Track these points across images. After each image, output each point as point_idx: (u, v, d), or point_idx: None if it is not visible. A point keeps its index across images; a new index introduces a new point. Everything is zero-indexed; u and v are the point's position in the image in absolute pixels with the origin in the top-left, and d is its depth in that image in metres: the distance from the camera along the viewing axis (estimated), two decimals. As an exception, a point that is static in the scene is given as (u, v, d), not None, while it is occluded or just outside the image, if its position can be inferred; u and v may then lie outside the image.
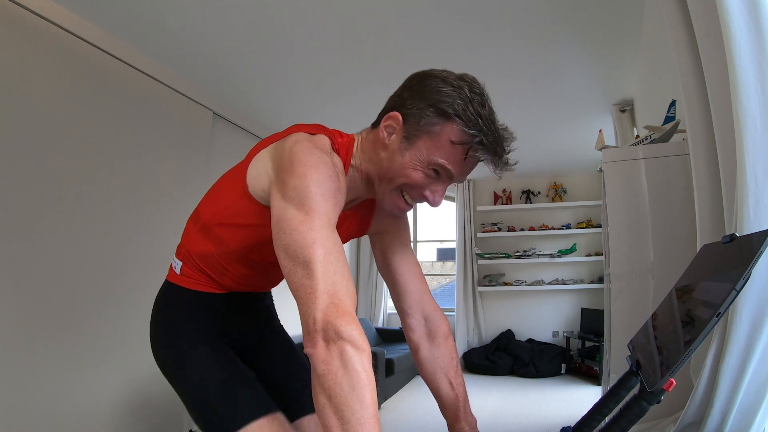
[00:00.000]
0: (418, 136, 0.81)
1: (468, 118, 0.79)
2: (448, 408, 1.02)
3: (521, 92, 3.17)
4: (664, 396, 0.73)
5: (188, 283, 0.99)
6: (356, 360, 0.62)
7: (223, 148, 3.36)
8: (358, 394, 0.61)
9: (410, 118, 0.82)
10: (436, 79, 0.82)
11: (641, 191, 1.72)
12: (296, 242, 0.69)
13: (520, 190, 5.54)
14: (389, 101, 0.88)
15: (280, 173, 0.78)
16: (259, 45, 2.54)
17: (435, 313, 1.06)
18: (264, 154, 0.86)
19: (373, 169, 0.88)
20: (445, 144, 0.81)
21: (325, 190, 0.73)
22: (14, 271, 1.95)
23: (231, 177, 0.94)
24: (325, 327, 0.64)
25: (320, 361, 0.63)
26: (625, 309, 1.68)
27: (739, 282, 0.61)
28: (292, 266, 0.69)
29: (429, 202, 0.87)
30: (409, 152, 0.83)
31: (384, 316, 5.84)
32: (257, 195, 0.85)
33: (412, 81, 0.85)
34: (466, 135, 0.80)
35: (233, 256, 0.94)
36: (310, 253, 0.68)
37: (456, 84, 0.81)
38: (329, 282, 0.66)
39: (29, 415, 1.95)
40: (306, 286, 0.67)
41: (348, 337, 0.63)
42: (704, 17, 1.04)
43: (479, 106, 0.80)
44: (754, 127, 0.85)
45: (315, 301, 0.65)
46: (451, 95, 0.79)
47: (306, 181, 0.73)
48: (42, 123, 2.09)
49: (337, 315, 0.64)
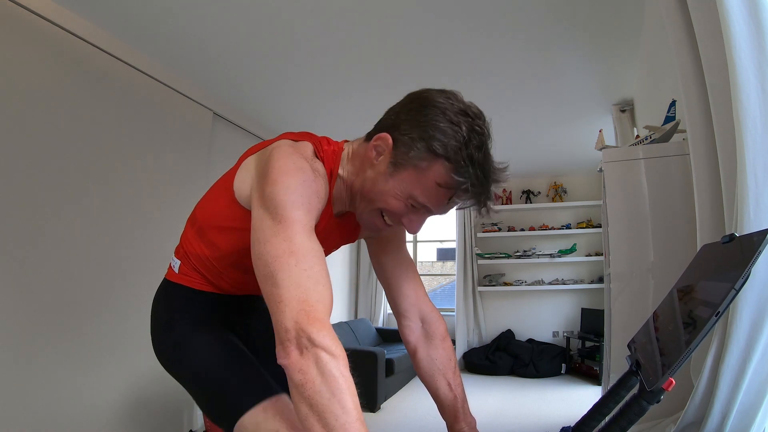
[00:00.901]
0: (405, 166, 0.79)
1: (458, 162, 0.75)
2: (447, 409, 1.01)
3: (522, 92, 3.17)
4: (663, 395, 0.73)
5: (186, 282, 1.00)
6: (332, 366, 0.62)
7: (223, 148, 3.36)
8: (339, 399, 0.61)
9: (400, 146, 0.79)
10: (436, 109, 0.77)
11: (641, 191, 1.72)
12: (267, 252, 0.69)
13: (520, 190, 5.53)
14: (386, 116, 0.86)
15: (258, 181, 0.78)
16: (260, 45, 2.54)
17: (432, 314, 1.06)
18: (250, 161, 0.87)
19: (358, 185, 0.87)
20: (430, 183, 0.78)
21: (296, 196, 0.73)
22: (14, 271, 1.95)
23: (222, 182, 0.95)
24: (298, 335, 0.63)
25: (296, 371, 0.63)
26: (625, 309, 1.68)
27: (738, 281, 0.61)
28: (263, 276, 0.69)
29: (407, 229, 0.87)
30: (393, 179, 0.81)
31: (384, 316, 5.85)
32: (242, 201, 0.86)
33: (412, 103, 0.82)
34: (452, 180, 0.77)
35: (227, 260, 0.94)
36: (280, 263, 0.67)
37: (455, 120, 0.76)
38: (300, 289, 0.66)
39: (29, 415, 1.95)
40: (275, 295, 0.67)
41: (321, 344, 0.62)
42: (704, 17, 1.04)
43: (475, 150, 0.76)
44: (754, 127, 0.85)
45: (284, 310, 0.65)
46: (447, 134, 0.76)
47: (277, 188, 0.72)
48: (42, 123, 2.09)
49: (308, 322, 0.63)
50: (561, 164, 5.04)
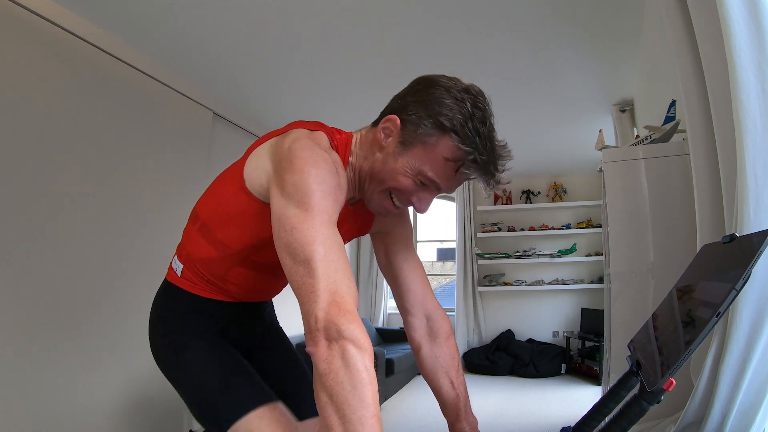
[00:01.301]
0: (414, 144, 0.81)
1: (465, 134, 0.78)
2: (449, 407, 1.02)
3: (522, 92, 3.17)
4: (664, 396, 0.73)
5: (189, 287, 0.98)
6: (358, 359, 0.62)
7: (223, 148, 3.36)
8: (359, 393, 0.61)
9: (408, 125, 0.82)
10: (441, 88, 0.81)
11: (641, 191, 1.72)
12: (297, 240, 0.69)
13: (520, 190, 5.53)
14: (392, 101, 0.88)
15: (278, 170, 0.77)
16: (260, 45, 2.54)
17: (437, 312, 1.06)
18: (262, 150, 0.86)
19: (367, 168, 0.88)
20: (438, 158, 0.80)
21: (325, 187, 0.73)
22: (14, 271, 1.95)
23: (229, 174, 0.93)
24: (327, 326, 0.63)
25: (322, 360, 0.63)
26: (625, 309, 1.68)
27: (739, 282, 0.61)
28: (293, 265, 0.69)
29: (415, 208, 0.88)
30: (402, 158, 0.83)
31: (384, 316, 5.84)
32: (254, 190, 0.84)
33: (417, 86, 0.85)
34: (459, 151, 0.79)
35: (235, 258, 0.93)
36: (311, 251, 0.67)
37: (459, 97, 0.79)
38: (330, 280, 0.66)
39: (29, 416, 1.95)
40: (307, 284, 0.66)
41: (350, 336, 0.63)
42: (704, 17, 1.04)
43: (479, 123, 0.79)
44: (754, 127, 0.85)
45: (316, 300, 0.65)
46: (452, 108, 0.79)
47: (305, 177, 0.72)
48: (42, 123, 2.09)
49: (338, 314, 0.64)
50: (561, 164, 5.04)
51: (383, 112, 0.88)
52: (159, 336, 0.98)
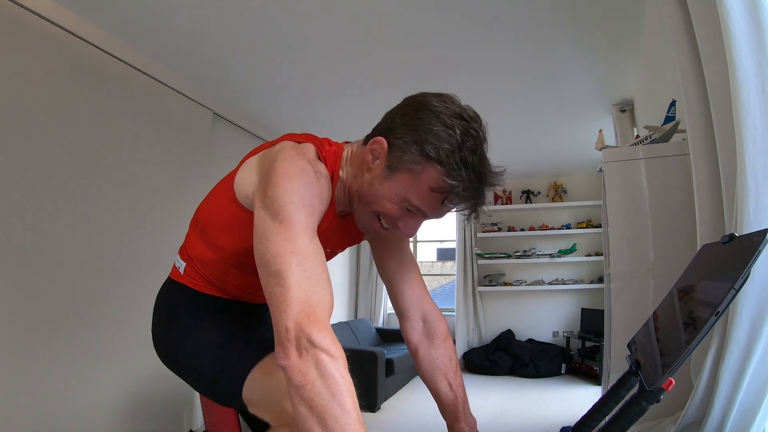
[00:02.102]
0: (399, 170, 0.80)
1: (451, 165, 0.76)
2: (448, 409, 1.02)
3: (521, 92, 3.17)
4: (663, 395, 0.73)
5: (191, 284, 1.01)
6: (332, 367, 0.62)
7: (223, 148, 3.36)
8: (339, 401, 0.61)
9: (395, 150, 0.80)
10: (431, 113, 0.78)
11: (641, 191, 1.72)
12: (270, 252, 0.69)
13: (520, 190, 5.53)
14: (383, 120, 0.87)
15: (261, 183, 0.78)
16: (259, 45, 2.54)
17: (433, 314, 1.06)
18: (252, 162, 0.88)
19: (356, 187, 0.88)
20: (423, 186, 0.79)
21: (298, 198, 0.73)
22: (13, 270, 1.95)
23: (223, 183, 0.96)
24: (298, 335, 0.63)
25: (296, 372, 0.63)
26: (625, 309, 1.68)
27: (738, 281, 0.61)
28: (266, 276, 0.69)
29: (402, 232, 0.87)
30: (388, 183, 0.81)
31: (384, 316, 5.84)
32: (243, 201, 0.86)
33: (408, 107, 0.82)
34: (445, 183, 0.77)
35: (230, 261, 0.95)
36: (282, 262, 0.68)
37: (449, 123, 0.77)
38: (301, 290, 0.66)
39: (28, 416, 1.95)
40: (277, 294, 0.67)
41: (320, 345, 0.63)
42: (704, 17, 1.04)
43: (469, 153, 0.76)
44: (754, 127, 0.85)
45: (285, 310, 0.65)
46: (440, 136, 0.76)
47: (279, 190, 0.73)
48: (42, 123, 2.09)
49: (308, 323, 0.64)
50: (561, 164, 5.04)
51: (374, 130, 0.87)
52: (161, 331, 1.00)
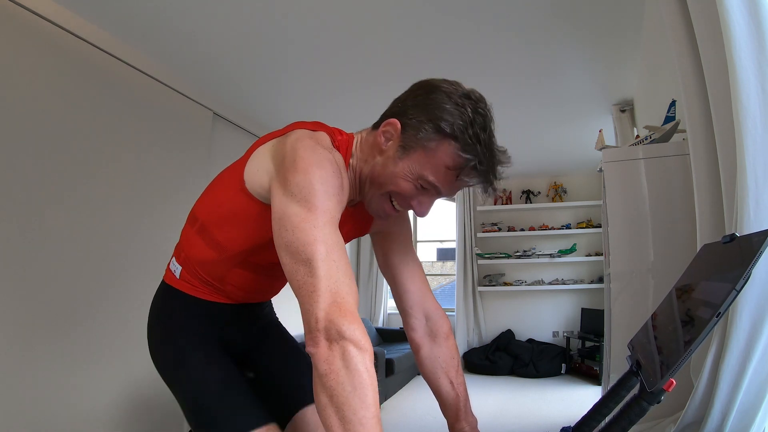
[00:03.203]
0: (414, 148, 0.81)
1: (465, 140, 0.77)
2: (449, 407, 1.02)
3: (521, 92, 3.17)
4: (664, 396, 0.73)
5: (188, 289, 0.97)
6: (358, 360, 0.62)
7: (223, 148, 3.35)
8: (359, 394, 0.61)
9: (409, 129, 0.81)
10: (442, 93, 0.80)
11: (641, 191, 1.72)
12: (298, 239, 0.68)
13: (520, 190, 5.53)
14: (392, 105, 0.87)
15: (281, 170, 0.76)
16: (259, 45, 2.54)
17: (436, 312, 1.06)
18: (263, 151, 0.85)
19: (367, 171, 0.88)
20: (438, 163, 0.80)
21: (328, 187, 0.73)
22: (12, 271, 1.95)
23: (228, 174, 0.92)
24: (328, 326, 0.63)
25: (322, 361, 0.63)
26: (625, 309, 1.68)
27: (739, 282, 0.61)
28: (294, 264, 0.68)
29: (415, 212, 0.87)
30: (402, 162, 0.82)
31: (384, 316, 5.84)
32: (255, 191, 0.84)
33: (418, 90, 0.84)
34: (460, 158, 0.79)
35: (234, 260, 0.92)
36: (312, 251, 0.67)
37: (460, 102, 0.79)
38: (332, 280, 0.66)
39: (27, 417, 1.95)
40: (308, 284, 0.66)
41: (350, 337, 0.62)
42: (704, 17, 1.04)
43: (480, 129, 0.78)
44: (754, 127, 0.85)
45: (317, 300, 0.65)
46: (453, 114, 0.78)
47: (309, 177, 0.72)
48: (41, 123, 2.09)
49: (339, 314, 0.63)
50: (561, 164, 5.04)
51: (383, 116, 0.88)
52: (157, 342, 0.98)
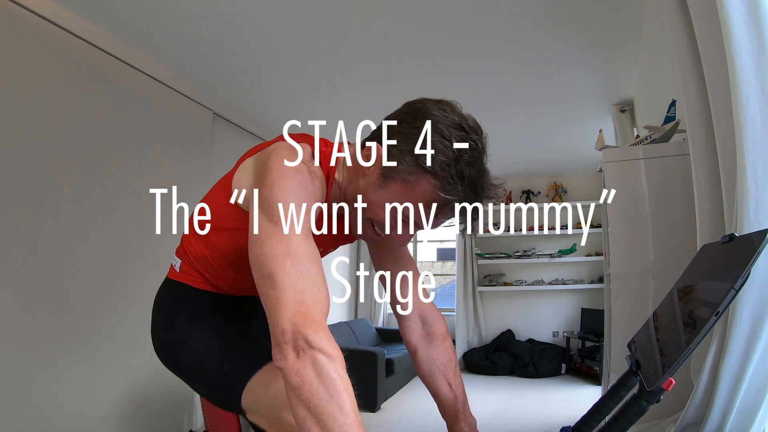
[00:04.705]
0: (393, 179, 0.78)
1: (446, 178, 0.73)
2: (447, 409, 1.01)
3: (521, 92, 3.17)
4: (663, 395, 0.73)
5: (188, 280, 1.01)
6: (330, 368, 0.62)
7: (223, 148, 3.36)
8: (336, 401, 0.60)
9: (390, 157, 0.78)
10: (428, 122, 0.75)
11: (641, 191, 1.72)
12: (264, 254, 0.69)
13: (520, 190, 5.53)
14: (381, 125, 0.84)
15: (256, 182, 0.78)
16: (260, 45, 2.54)
17: (432, 314, 1.06)
18: (248, 163, 0.88)
19: (351, 192, 0.87)
20: (417, 197, 0.77)
21: (293, 198, 0.73)
22: (13, 270, 1.95)
23: (221, 183, 0.96)
24: (294, 337, 0.63)
25: (293, 373, 0.62)
26: (625, 309, 1.68)
27: (738, 281, 0.61)
28: (260, 278, 0.69)
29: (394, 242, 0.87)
30: (382, 191, 0.80)
31: (384, 316, 5.84)
32: (239, 202, 0.87)
33: (405, 114, 0.80)
34: (438, 197, 0.75)
35: (226, 259, 0.95)
36: (277, 265, 0.67)
37: (446, 134, 0.74)
38: (297, 291, 0.66)
39: (28, 416, 1.95)
40: (272, 296, 0.66)
41: (317, 346, 0.62)
42: (704, 17, 1.04)
43: (466, 166, 0.74)
44: (754, 127, 0.85)
45: (281, 311, 0.65)
46: (436, 147, 0.73)
47: (274, 190, 0.73)
48: (41, 123, 2.09)
49: (304, 324, 0.63)
50: (561, 164, 5.04)
51: (372, 134, 0.86)
52: (160, 331, 1.01)
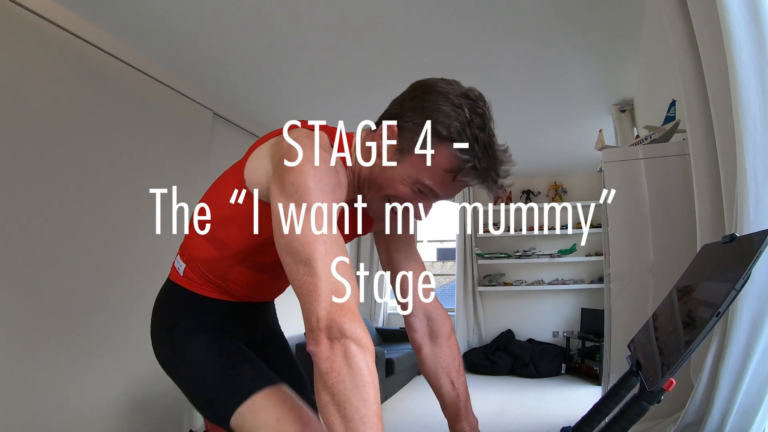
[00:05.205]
0: (411, 152, 0.80)
1: (462, 142, 0.77)
2: (450, 407, 1.01)
3: (521, 92, 3.17)
4: (664, 396, 0.73)
5: (191, 286, 0.98)
6: (360, 358, 0.62)
7: (223, 147, 3.36)
8: (361, 392, 0.61)
9: (405, 132, 0.80)
10: (438, 94, 0.79)
11: (641, 191, 1.72)
12: (297, 239, 0.68)
13: (520, 190, 5.53)
14: (390, 106, 0.87)
15: (278, 169, 0.77)
16: (259, 45, 2.54)
17: (438, 312, 1.06)
18: (262, 150, 0.86)
19: (366, 173, 0.87)
20: (436, 166, 0.79)
21: (323, 185, 0.73)
22: (13, 271, 1.95)
23: (229, 174, 0.93)
24: (329, 325, 0.63)
25: (323, 359, 0.63)
26: (625, 309, 1.69)
27: (739, 282, 0.61)
28: (294, 264, 0.68)
29: (414, 215, 0.87)
30: (399, 166, 0.82)
31: (384, 316, 5.84)
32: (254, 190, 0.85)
33: (414, 91, 0.83)
34: (457, 160, 0.78)
35: (235, 258, 0.93)
36: (311, 251, 0.67)
37: (457, 102, 0.78)
38: (332, 279, 0.66)
39: (28, 416, 1.95)
40: (308, 284, 0.66)
41: (352, 335, 0.62)
42: (704, 17, 1.04)
43: (478, 129, 0.77)
44: (754, 127, 0.85)
45: (318, 299, 0.65)
46: (449, 115, 0.77)
47: (304, 176, 0.72)
48: (42, 123, 2.09)
49: (340, 313, 0.63)
50: (561, 164, 5.04)
51: (381, 117, 0.87)
52: (160, 335, 0.98)
